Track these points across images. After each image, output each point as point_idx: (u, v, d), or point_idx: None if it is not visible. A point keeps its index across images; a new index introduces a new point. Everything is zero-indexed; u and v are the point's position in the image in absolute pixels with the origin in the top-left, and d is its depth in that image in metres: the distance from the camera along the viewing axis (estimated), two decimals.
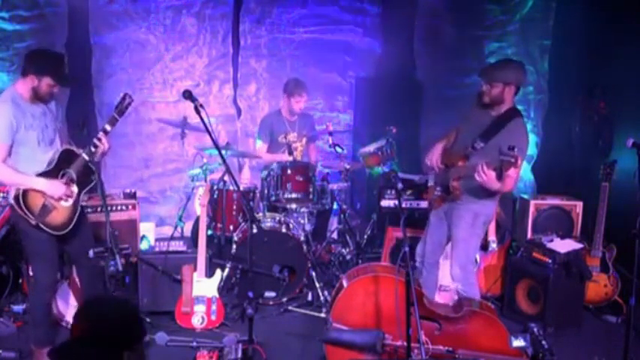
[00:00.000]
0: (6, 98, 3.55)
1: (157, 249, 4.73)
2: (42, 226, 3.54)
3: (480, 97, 3.90)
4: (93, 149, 3.69)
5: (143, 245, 5.00)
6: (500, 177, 3.67)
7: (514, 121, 3.81)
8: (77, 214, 3.68)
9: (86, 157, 3.69)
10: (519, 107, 6.72)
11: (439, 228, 4.09)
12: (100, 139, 3.70)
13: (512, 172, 3.65)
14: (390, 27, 6.62)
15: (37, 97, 3.61)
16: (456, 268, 3.98)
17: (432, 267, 4.15)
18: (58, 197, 3.59)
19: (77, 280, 4.20)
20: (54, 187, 3.57)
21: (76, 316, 2.17)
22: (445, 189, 3.98)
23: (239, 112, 6.63)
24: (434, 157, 4.03)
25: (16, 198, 3.52)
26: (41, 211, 3.54)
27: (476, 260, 4.95)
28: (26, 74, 3.58)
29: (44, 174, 3.58)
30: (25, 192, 3.53)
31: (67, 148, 3.71)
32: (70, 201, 3.65)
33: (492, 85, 3.80)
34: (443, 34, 6.81)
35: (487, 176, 3.60)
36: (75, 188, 3.68)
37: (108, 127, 3.72)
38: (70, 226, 3.66)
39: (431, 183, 4.15)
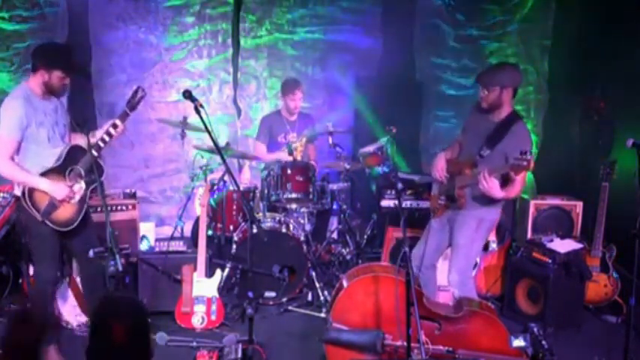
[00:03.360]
0: (18, 94, 3.57)
1: (157, 249, 4.73)
2: (47, 222, 3.55)
3: (479, 103, 3.90)
4: (102, 144, 3.69)
5: (143, 245, 5.00)
6: (505, 183, 3.69)
7: (516, 124, 3.79)
8: (84, 211, 3.69)
9: (95, 154, 3.68)
10: (519, 107, 6.81)
11: (441, 232, 4.06)
12: (110, 135, 3.69)
13: (519, 176, 3.66)
14: (390, 27, 6.62)
15: (49, 91, 3.63)
16: (454, 273, 3.93)
17: (428, 270, 4.12)
18: (61, 199, 3.58)
19: (78, 279, 4.21)
20: (58, 189, 3.57)
21: (106, 320, 2.16)
22: (450, 197, 3.95)
23: (239, 112, 6.63)
24: (438, 169, 4.01)
25: (23, 194, 3.54)
26: (47, 207, 3.55)
27: (476, 262, 4.96)
28: (36, 69, 3.60)
29: (52, 170, 3.59)
30: (32, 188, 3.54)
31: (76, 144, 3.71)
32: (77, 197, 3.65)
33: (489, 90, 3.79)
34: (443, 34, 6.81)
35: (489, 184, 3.60)
36: (82, 184, 3.67)
37: (118, 122, 3.71)
38: (76, 223, 3.66)
39: (434, 192, 4.14)
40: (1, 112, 3.55)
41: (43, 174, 3.58)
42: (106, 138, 3.69)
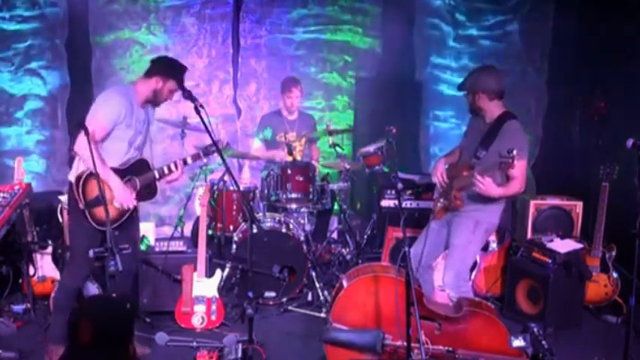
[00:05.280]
0: (124, 93, 3.66)
1: (157, 249, 4.73)
2: (86, 213, 3.58)
3: None
4: (166, 171, 3.79)
5: (143, 245, 5.00)
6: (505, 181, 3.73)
7: (507, 124, 3.83)
8: (122, 220, 3.70)
9: (156, 175, 3.78)
10: (519, 107, 6.78)
11: (439, 233, 4.07)
12: (176, 166, 3.80)
13: (516, 173, 3.70)
14: (390, 27, 6.62)
15: (154, 99, 3.74)
16: (449, 274, 3.93)
17: (425, 270, 4.12)
18: (120, 203, 3.62)
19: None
20: (123, 192, 3.61)
21: (75, 322, 2.16)
22: (448, 199, 3.97)
23: (239, 112, 6.63)
24: (438, 173, 4.04)
25: (78, 178, 3.57)
26: (92, 200, 3.57)
27: (476, 262, 4.95)
28: (151, 75, 3.70)
29: (115, 171, 3.62)
30: (88, 177, 3.56)
31: (144, 159, 3.79)
32: (124, 207, 3.67)
33: (466, 94, 3.92)
34: (443, 34, 6.81)
35: (484, 184, 3.64)
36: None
37: (189, 160, 3.87)
38: (113, 226, 3.65)
39: (435, 195, 4.16)
40: (101, 98, 3.65)
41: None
42: (173, 168, 3.80)
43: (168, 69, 3.74)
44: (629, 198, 3.76)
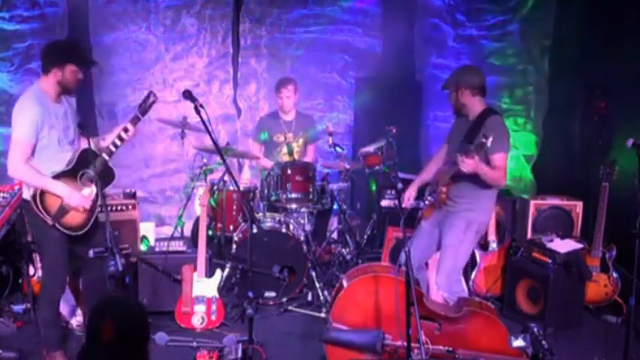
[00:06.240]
0: (31, 96, 3.53)
1: (157, 249, 4.73)
2: (58, 226, 3.53)
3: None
4: (113, 149, 3.68)
5: (143, 245, 5.00)
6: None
7: (490, 118, 3.88)
8: (95, 215, 3.66)
9: (106, 158, 3.68)
10: (519, 107, 6.82)
11: (431, 234, 4.08)
12: (121, 138, 3.68)
13: (497, 163, 3.75)
14: (390, 27, 6.62)
15: (64, 89, 3.61)
16: (442, 275, 3.93)
17: (418, 270, 4.10)
18: (74, 206, 3.56)
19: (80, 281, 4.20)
20: (73, 197, 3.54)
21: (98, 319, 2.16)
22: (435, 196, 4.02)
23: (239, 112, 6.63)
24: (408, 198, 4.16)
25: (34, 197, 3.50)
26: (58, 211, 3.52)
27: (475, 262, 4.96)
28: (48, 70, 3.56)
29: (63, 174, 3.56)
30: (43, 191, 3.51)
31: (87, 148, 3.66)
32: (89, 202, 3.62)
33: (450, 91, 4.01)
34: (443, 34, 6.81)
35: (470, 162, 3.63)
36: (94, 189, 3.64)
37: (129, 126, 3.70)
38: (87, 228, 3.64)
39: (426, 195, 4.18)
40: (14, 114, 3.52)
41: (55, 177, 3.54)
42: (118, 142, 3.69)
43: (59, 56, 3.57)
44: (629, 198, 3.76)
